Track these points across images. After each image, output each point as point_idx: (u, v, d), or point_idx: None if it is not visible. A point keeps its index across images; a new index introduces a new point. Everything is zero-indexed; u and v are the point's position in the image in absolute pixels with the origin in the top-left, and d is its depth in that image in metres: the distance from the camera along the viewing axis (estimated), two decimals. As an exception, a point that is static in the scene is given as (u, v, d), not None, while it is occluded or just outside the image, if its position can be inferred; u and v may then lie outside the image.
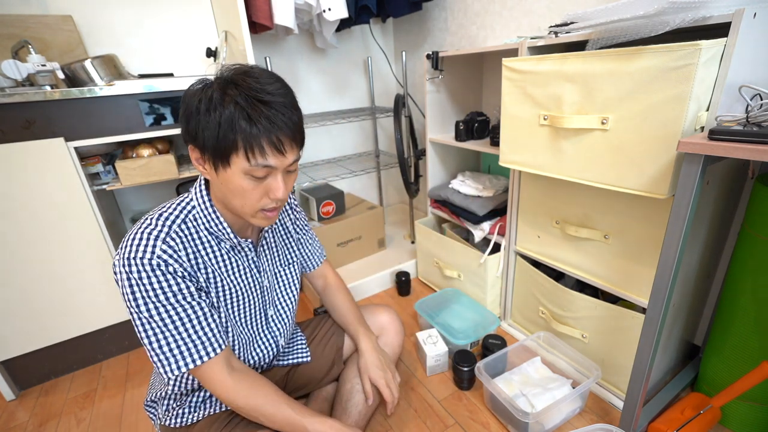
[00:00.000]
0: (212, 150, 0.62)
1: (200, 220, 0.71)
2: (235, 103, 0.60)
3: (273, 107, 0.61)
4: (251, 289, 0.79)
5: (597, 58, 0.77)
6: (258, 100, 0.60)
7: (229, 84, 0.61)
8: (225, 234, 0.72)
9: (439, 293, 1.44)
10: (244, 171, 0.63)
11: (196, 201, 0.71)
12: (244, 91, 0.60)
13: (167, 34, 1.50)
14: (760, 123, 0.58)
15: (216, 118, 0.60)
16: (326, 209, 1.68)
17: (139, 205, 1.61)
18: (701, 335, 1.11)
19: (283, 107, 0.62)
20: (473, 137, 1.37)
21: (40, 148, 1.07)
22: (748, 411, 0.89)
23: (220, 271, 0.73)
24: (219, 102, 0.60)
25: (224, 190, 0.66)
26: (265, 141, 0.61)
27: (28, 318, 1.17)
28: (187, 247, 0.68)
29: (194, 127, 0.62)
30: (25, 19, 1.26)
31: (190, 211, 0.70)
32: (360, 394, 0.94)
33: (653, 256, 0.87)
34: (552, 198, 1.07)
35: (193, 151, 0.66)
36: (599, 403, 1.05)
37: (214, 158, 0.63)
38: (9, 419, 1.15)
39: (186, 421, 0.79)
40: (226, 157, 0.62)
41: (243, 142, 0.60)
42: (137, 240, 0.64)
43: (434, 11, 1.71)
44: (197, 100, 0.61)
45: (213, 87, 0.61)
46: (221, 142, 0.60)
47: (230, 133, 0.60)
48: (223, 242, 0.74)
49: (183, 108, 0.64)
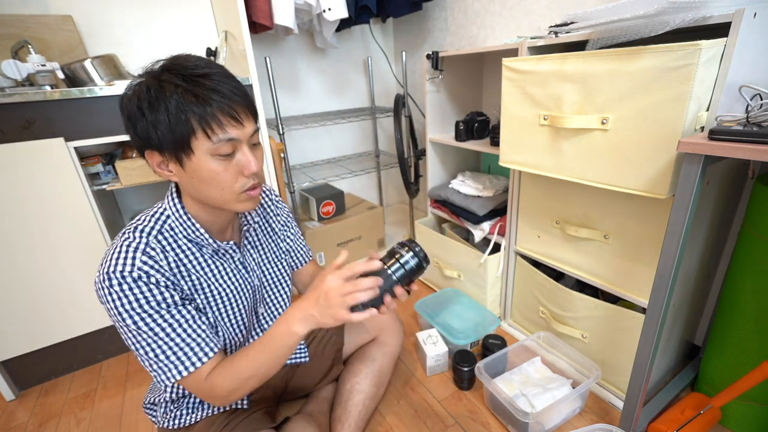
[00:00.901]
0: (171, 143, 0.59)
1: (177, 229, 0.68)
2: (176, 85, 0.57)
3: (214, 79, 0.59)
4: (240, 291, 0.78)
5: (597, 58, 0.77)
6: (197, 75, 0.58)
7: (161, 72, 0.59)
8: (204, 240, 0.70)
9: (439, 293, 1.44)
10: (209, 152, 0.60)
11: (170, 210, 0.68)
12: (180, 71, 0.58)
13: (167, 34, 1.50)
14: (760, 123, 0.58)
15: (163, 109, 0.57)
16: (326, 209, 1.68)
17: (139, 205, 1.61)
18: (701, 335, 1.11)
19: (224, 77, 0.61)
20: (473, 137, 1.37)
21: (40, 148, 1.07)
22: (748, 411, 0.89)
23: (207, 276, 0.72)
24: (158, 92, 0.57)
25: (197, 184, 0.63)
26: (219, 113, 0.59)
27: (28, 318, 1.17)
28: (168, 256, 0.66)
29: (143, 130, 0.59)
30: (25, 19, 1.26)
31: (165, 222, 0.68)
32: (360, 394, 0.94)
33: (653, 256, 0.87)
34: (552, 198, 1.07)
35: (151, 156, 0.62)
36: (599, 403, 1.05)
37: (176, 151, 0.60)
38: (9, 419, 1.15)
39: (184, 422, 0.79)
40: (187, 144, 0.59)
41: (199, 122, 0.58)
42: (116, 254, 0.62)
43: (434, 11, 1.71)
44: (136, 101, 0.58)
45: (145, 82, 0.59)
46: (177, 130, 0.58)
47: (183, 118, 0.57)
48: (204, 248, 0.71)
49: (125, 116, 0.61)
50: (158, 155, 0.62)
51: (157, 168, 0.64)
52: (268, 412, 0.88)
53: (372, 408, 0.98)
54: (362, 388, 0.95)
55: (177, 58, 0.61)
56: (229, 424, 0.77)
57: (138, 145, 0.63)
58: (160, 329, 0.63)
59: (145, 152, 0.63)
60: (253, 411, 0.83)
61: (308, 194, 1.70)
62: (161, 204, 0.70)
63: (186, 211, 0.68)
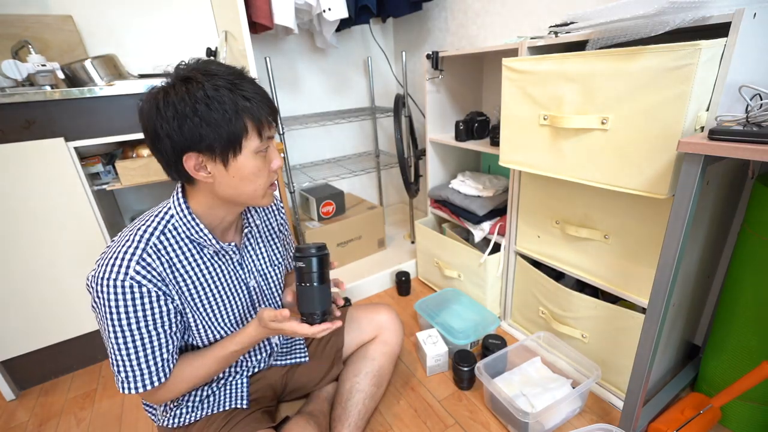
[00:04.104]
0: (224, 141, 0.61)
1: (180, 229, 0.69)
2: (227, 89, 0.60)
3: (250, 83, 0.64)
4: (237, 292, 0.79)
5: (597, 58, 0.77)
6: (238, 78, 0.62)
7: (207, 76, 0.60)
8: (207, 240, 0.71)
9: (439, 293, 1.44)
10: (255, 150, 0.64)
11: (174, 210, 0.69)
12: (222, 76, 0.61)
13: (167, 34, 1.50)
14: (760, 123, 0.58)
15: (220, 109, 0.59)
16: (326, 209, 1.68)
17: (139, 205, 1.61)
18: (701, 335, 1.11)
19: (254, 84, 0.65)
20: (473, 137, 1.37)
21: (40, 148, 1.07)
22: (748, 411, 0.89)
23: (205, 278, 0.73)
24: (213, 93, 0.59)
25: (236, 182, 0.66)
26: (264, 114, 0.64)
27: (29, 318, 1.17)
28: (164, 262, 0.67)
29: (192, 130, 0.59)
30: (25, 19, 1.26)
31: (168, 221, 0.69)
32: (360, 393, 0.94)
33: (653, 256, 0.87)
34: (552, 198, 1.07)
35: (190, 158, 0.62)
36: (599, 403, 1.05)
37: (225, 150, 0.62)
38: (9, 419, 1.15)
39: (184, 421, 0.79)
40: (238, 142, 0.62)
41: (253, 121, 0.62)
42: (113, 259, 0.63)
43: (434, 11, 1.71)
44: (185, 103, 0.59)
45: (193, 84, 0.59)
46: (232, 129, 0.60)
47: (239, 118, 0.61)
48: (205, 248, 0.73)
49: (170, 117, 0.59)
50: (197, 157, 0.62)
51: (192, 171, 0.64)
52: (268, 412, 0.88)
53: (372, 408, 0.98)
54: (362, 388, 0.95)
55: (206, 64, 0.63)
56: (228, 423, 0.77)
57: (177, 148, 0.62)
58: (125, 348, 0.65)
59: (184, 156, 0.62)
60: (252, 410, 0.83)
61: (308, 194, 1.70)
62: (166, 203, 0.71)
63: (191, 211, 0.69)
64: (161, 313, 0.67)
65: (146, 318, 0.65)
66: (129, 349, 0.65)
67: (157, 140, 0.62)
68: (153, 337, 0.67)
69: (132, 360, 0.66)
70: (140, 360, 0.66)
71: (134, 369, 0.66)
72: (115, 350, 0.65)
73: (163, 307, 0.67)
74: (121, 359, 0.66)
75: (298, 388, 0.98)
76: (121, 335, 0.64)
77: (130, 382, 0.67)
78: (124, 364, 0.66)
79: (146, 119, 0.63)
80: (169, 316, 0.68)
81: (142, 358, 0.66)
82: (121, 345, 0.65)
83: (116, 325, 0.64)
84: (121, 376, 0.67)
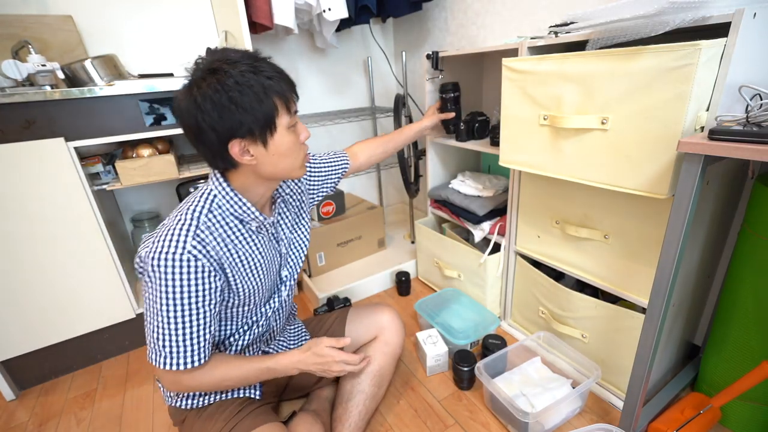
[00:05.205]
0: (261, 123, 0.65)
1: (224, 207, 0.73)
2: (251, 73, 0.63)
3: (267, 63, 0.68)
4: (271, 260, 0.83)
5: (597, 58, 0.77)
6: (257, 61, 0.66)
7: (229, 65, 0.63)
8: (252, 215, 0.75)
9: (439, 293, 1.44)
10: (287, 126, 0.69)
11: (216, 190, 0.73)
12: (243, 61, 0.64)
13: (167, 34, 1.50)
14: (760, 123, 0.58)
15: (251, 93, 0.63)
16: (326, 209, 1.68)
17: (139, 205, 1.61)
18: (701, 335, 1.11)
19: (269, 61, 0.69)
20: (473, 137, 1.37)
21: (40, 148, 1.07)
22: (748, 411, 0.89)
23: (247, 250, 0.77)
24: (241, 78, 0.62)
25: (276, 159, 0.70)
26: (287, 90, 0.68)
27: (28, 318, 1.18)
28: (216, 237, 0.71)
29: (232, 118, 0.63)
30: (25, 19, 1.26)
31: (213, 200, 0.73)
32: (361, 394, 0.94)
33: (653, 256, 0.87)
34: (552, 198, 1.07)
35: (233, 146, 0.66)
36: (599, 403, 1.05)
37: (263, 131, 0.66)
38: (9, 419, 1.15)
39: (197, 404, 0.81)
40: (273, 121, 0.67)
41: (281, 99, 0.67)
42: (169, 235, 0.66)
43: (434, 11, 1.71)
44: (224, 92, 0.62)
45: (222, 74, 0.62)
46: (265, 110, 0.65)
47: (268, 100, 0.65)
48: (247, 224, 0.77)
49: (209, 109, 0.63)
50: (240, 142, 0.66)
51: (238, 156, 0.68)
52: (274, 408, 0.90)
53: (373, 408, 0.98)
54: (363, 388, 0.95)
55: (222, 53, 0.66)
56: (241, 411, 0.80)
57: (222, 138, 0.66)
58: (174, 322, 0.68)
59: (229, 143, 0.66)
60: (262, 403, 0.86)
61: (308, 194, 1.70)
62: (205, 186, 0.75)
63: (233, 189, 0.74)
64: (210, 290, 0.70)
65: (197, 293, 0.68)
66: (178, 323, 0.68)
67: (201, 134, 0.66)
68: (200, 314, 0.69)
69: (179, 335, 0.68)
70: (186, 336, 0.69)
71: (179, 345, 0.69)
72: (164, 325, 0.67)
73: (212, 283, 0.70)
74: (169, 334, 0.68)
75: (298, 386, 0.99)
76: (173, 309, 0.67)
77: (173, 357, 0.69)
78: (170, 338, 0.68)
79: (186, 116, 0.65)
80: (215, 294, 0.71)
81: (188, 334, 0.69)
82: (172, 319, 0.67)
83: (170, 298, 0.66)
84: (165, 351, 0.68)
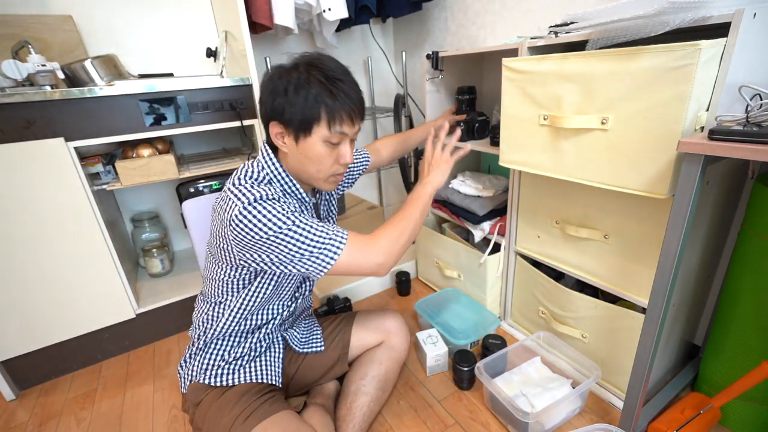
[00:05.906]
0: (298, 122, 0.73)
1: (276, 185, 0.80)
2: (320, 81, 0.72)
3: (347, 84, 0.75)
4: None
5: (597, 58, 0.77)
6: (336, 78, 0.73)
7: (310, 67, 0.73)
8: (299, 195, 0.83)
9: (439, 293, 1.44)
10: (323, 138, 0.75)
11: (269, 169, 0.80)
12: (325, 72, 0.73)
13: (167, 34, 1.50)
14: (760, 123, 0.58)
15: (304, 94, 0.71)
16: (326, 209, 1.68)
17: (139, 205, 1.61)
18: (701, 335, 1.11)
19: (354, 84, 0.77)
20: (473, 137, 1.37)
21: (40, 148, 1.07)
22: (748, 411, 0.89)
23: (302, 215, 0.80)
24: (305, 82, 0.72)
25: (302, 159, 0.77)
26: (343, 112, 0.74)
27: (28, 318, 1.18)
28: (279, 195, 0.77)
29: (280, 105, 0.73)
30: (25, 19, 1.26)
31: (264, 178, 0.79)
32: (365, 396, 0.95)
33: (653, 256, 0.87)
34: (552, 198, 1.07)
35: (274, 126, 0.76)
36: (599, 403, 1.05)
37: (298, 130, 0.74)
38: (9, 419, 1.15)
39: (223, 381, 0.83)
40: (310, 126, 0.73)
41: (327, 113, 0.73)
42: (244, 190, 0.72)
43: (434, 11, 1.71)
44: (285, 83, 0.72)
45: (298, 71, 0.73)
46: (307, 114, 0.72)
47: (316, 106, 0.72)
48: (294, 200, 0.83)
49: (268, 89, 0.75)
50: (280, 127, 0.76)
51: (274, 137, 0.77)
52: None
53: (376, 411, 0.99)
54: (368, 391, 0.96)
55: (321, 58, 0.76)
56: (261, 397, 0.82)
57: (268, 114, 0.77)
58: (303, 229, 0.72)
59: (270, 122, 0.76)
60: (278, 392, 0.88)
61: (308, 194, 1.70)
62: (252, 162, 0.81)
63: (284, 168, 0.81)
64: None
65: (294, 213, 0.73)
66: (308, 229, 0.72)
67: (260, 104, 0.78)
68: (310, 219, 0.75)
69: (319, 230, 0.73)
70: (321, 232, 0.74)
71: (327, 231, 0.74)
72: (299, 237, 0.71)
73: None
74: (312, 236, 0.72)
75: (302, 381, 1.00)
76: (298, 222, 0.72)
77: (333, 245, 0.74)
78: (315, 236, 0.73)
79: (261, 87, 0.78)
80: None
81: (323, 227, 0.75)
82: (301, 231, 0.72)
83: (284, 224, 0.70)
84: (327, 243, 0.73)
